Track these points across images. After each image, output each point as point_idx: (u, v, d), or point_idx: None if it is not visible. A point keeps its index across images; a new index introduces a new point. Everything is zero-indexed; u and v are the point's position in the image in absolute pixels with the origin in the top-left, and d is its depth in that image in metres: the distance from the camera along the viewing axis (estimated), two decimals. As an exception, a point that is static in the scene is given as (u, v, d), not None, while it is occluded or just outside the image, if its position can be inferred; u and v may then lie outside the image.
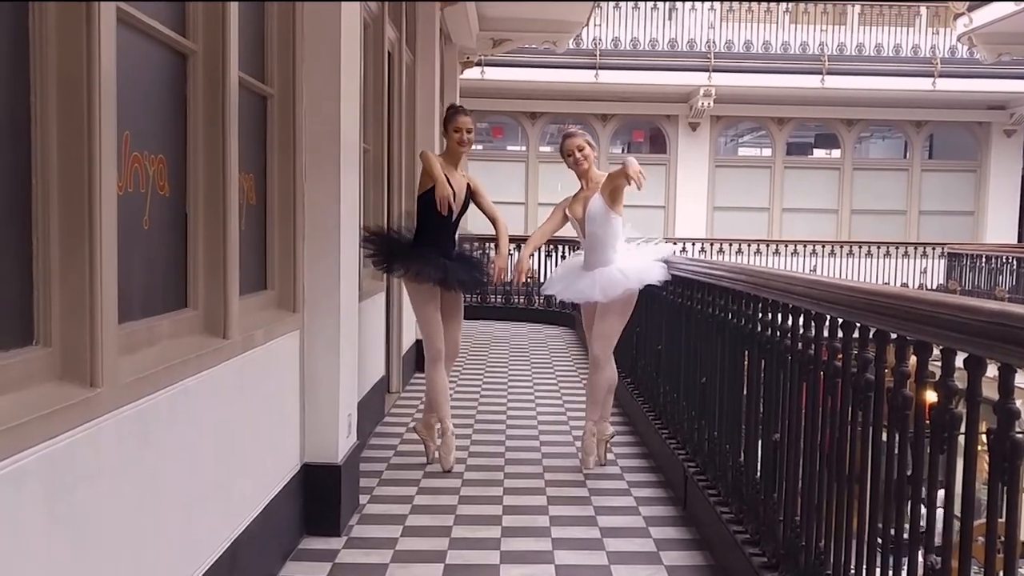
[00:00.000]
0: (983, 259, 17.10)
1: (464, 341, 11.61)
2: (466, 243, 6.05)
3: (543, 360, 10.36)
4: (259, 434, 3.82)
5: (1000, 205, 19.88)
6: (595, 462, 5.77)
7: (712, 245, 18.07)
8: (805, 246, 18.40)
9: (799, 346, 3.51)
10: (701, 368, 5.15)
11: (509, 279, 6.31)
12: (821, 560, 3.21)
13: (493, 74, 17.30)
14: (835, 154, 20.68)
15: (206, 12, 3.27)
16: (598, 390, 5.79)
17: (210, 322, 3.30)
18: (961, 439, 2.43)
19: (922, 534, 2.59)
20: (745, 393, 4.30)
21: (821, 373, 3.30)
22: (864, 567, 2.88)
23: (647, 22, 18.96)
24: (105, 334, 2.32)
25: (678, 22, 19.12)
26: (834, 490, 3.14)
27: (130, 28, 2.68)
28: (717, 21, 19.15)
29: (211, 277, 3.29)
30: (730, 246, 18.05)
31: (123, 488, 2.47)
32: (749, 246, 18.27)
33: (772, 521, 3.70)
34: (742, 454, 4.25)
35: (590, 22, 14.81)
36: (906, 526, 2.64)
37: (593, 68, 18.24)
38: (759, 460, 4.02)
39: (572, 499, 5.19)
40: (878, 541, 2.80)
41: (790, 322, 3.63)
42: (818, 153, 21.53)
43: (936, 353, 2.51)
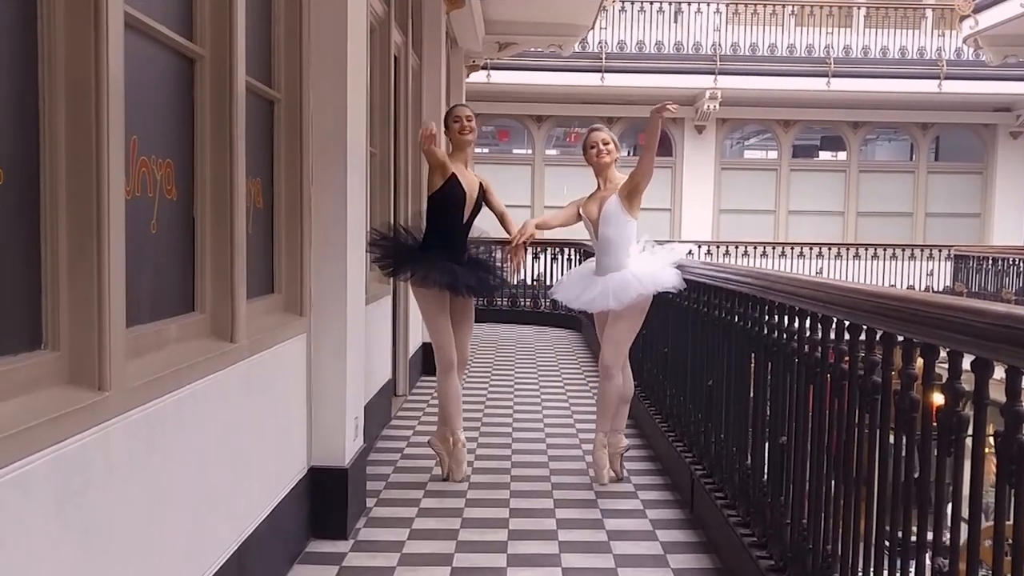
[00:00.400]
0: (990, 261, 17.06)
1: (471, 344, 11.63)
2: (478, 245, 5.80)
3: (549, 363, 10.36)
4: (266, 437, 3.83)
5: (1006, 207, 19.84)
6: (610, 477, 5.52)
7: (718, 248, 18.03)
8: (811, 248, 18.36)
9: (806, 349, 3.52)
10: (708, 371, 5.14)
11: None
12: (828, 563, 3.21)
13: (499, 77, 17.32)
14: (841, 156, 20.66)
15: (213, 17, 3.27)
16: (608, 400, 5.57)
17: (217, 326, 3.30)
18: (968, 442, 2.43)
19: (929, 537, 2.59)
20: (752, 396, 4.30)
21: (828, 376, 3.30)
22: (872, 570, 2.88)
23: (653, 25, 18.97)
24: (113, 338, 2.32)
25: (683, 25, 19.13)
26: (841, 493, 3.13)
27: (138, 33, 2.69)
28: (723, 24, 19.15)
29: (218, 281, 3.30)
30: (736, 249, 18.01)
31: (131, 491, 2.47)
32: (755, 249, 18.25)
33: (779, 524, 3.69)
34: (749, 457, 4.25)
35: (596, 25, 14.81)
36: (913, 528, 2.64)
37: (599, 71, 18.22)
38: (766, 463, 4.01)
39: (578, 502, 5.19)
40: (885, 544, 2.80)
41: (797, 325, 3.63)
42: (824, 155, 21.53)
43: (943, 355, 2.50)
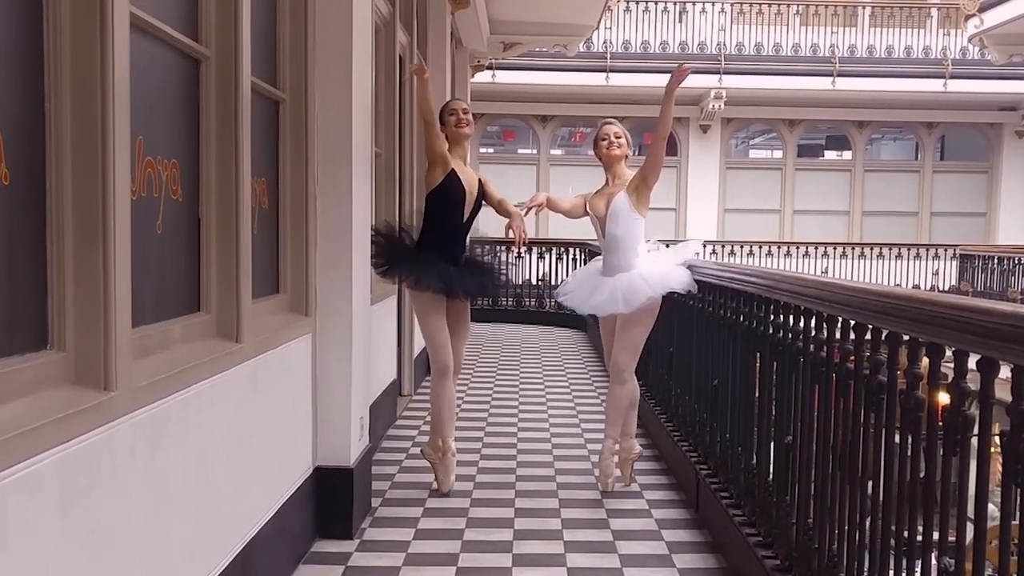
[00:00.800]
0: (995, 260, 17.01)
1: (475, 344, 11.63)
2: (478, 246, 5.60)
3: (554, 363, 10.36)
4: (271, 437, 3.83)
5: (1012, 206, 19.79)
6: (614, 484, 5.35)
7: (723, 247, 18.00)
8: (816, 248, 18.32)
9: (811, 348, 3.51)
10: (713, 371, 5.14)
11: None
12: (834, 563, 3.21)
13: (504, 77, 17.32)
14: (846, 156, 20.64)
15: (219, 17, 3.28)
16: (619, 406, 5.39)
17: (223, 326, 3.31)
18: (974, 441, 2.43)
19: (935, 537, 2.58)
20: (757, 396, 4.29)
21: (833, 375, 3.29)
22: (877, 570, 2.88)
23: (657, 25, 18.96)
24: (119, 338, 2.33)
25: (688, 24, 19.11)
26: (847, 493, 3.13)
27: (144, 34, 2.70)
28: (727, 23, 19.13)
29: (224, 281, 3.30)
30: (741, 248, 17.98)
31: (136, 491, 2.48)
32: (760, 248, 18.22)
33: (785, 524, 3.69)
34: (754, 457, 4.25)
35: (600, 25, 14.80)
36: (919, 528, 2.63)
37: (604, 71, 18.21)
38: (771, 463, 4.01)
39: (584, 502, 5.19)
40: (891, 543, 2.80)
41: (802, 324, 3.63)
42: (829, 155, 21.51)
43: (948, 355, 2.50)
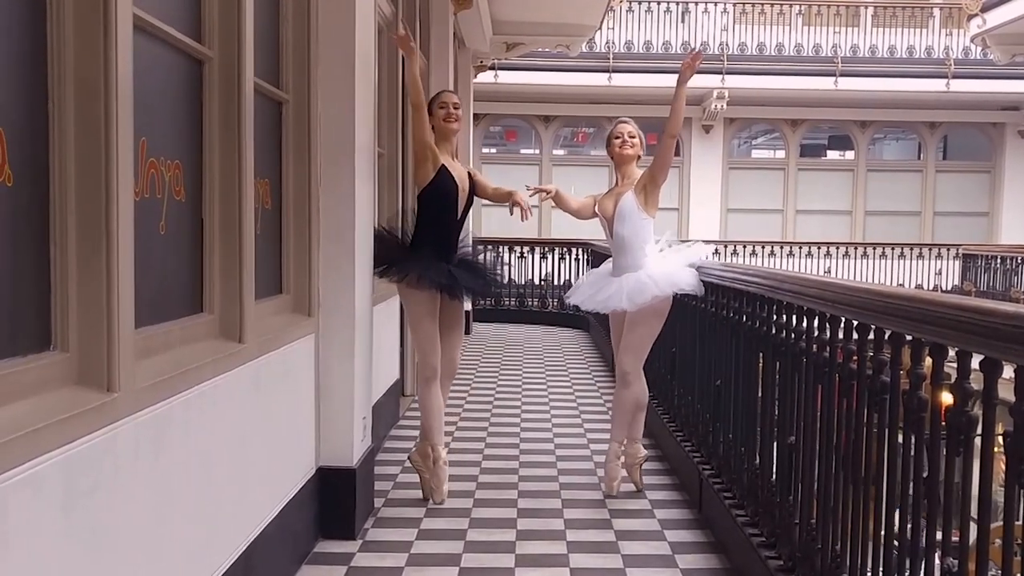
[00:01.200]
0: (998, 260, 17.00)
1: (478, 344, 11.64)
2: (476, 246, 5.52)
3: (557, 363, 10.36)
4: (274, 438, 3.84)
5: (1015, 206, 19.77)
6: (618, 488, 5.30)
7: (726, 247, 17.99)
8: (819, 248, 18.32)
9: (814, 348, 3.51)
10: (716, 371, 5.13)
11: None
12: (837, 563, 3.21)
13: (506, 78, 17.30)
14: (849, 155, 20.62)
15: (222, 18, 3.28)
16: (625, 408, 5.35)
17: (226, 326, 3.31)
18: (977, 441, 2.43)
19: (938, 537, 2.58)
20: (760, 396, 4.29)
21: (836, 375, 3.29)
22: (881, 569, 2.87)
23: (660, 25, 18.95)
24: (122, 339, 2.33)
25: (691, 25, 19.10)
26: (850, 493, 3.13)
27: (147, 35, 2.70)
28: (730, 23, 19.12)
29: (227, 282, 3.31)
30: (744, 248, 17.98)
31: (139, 492, 2.48)
32: (763, 248, 18.22)
33: (788, 524, 3.69)
34: (757, 457, 4.25)
35: (603, 25, 14.80)
36: (922, 528, 2.63)
37: (606, 71, 18.20)
38: (774, 463, 4.01)
39: (587, 502, 5.19)
40: (894, 543, 2.80)
41: (805, 324, 3.63)
42: (832, 155, 21.48)
43: (952, 355, 2.50)
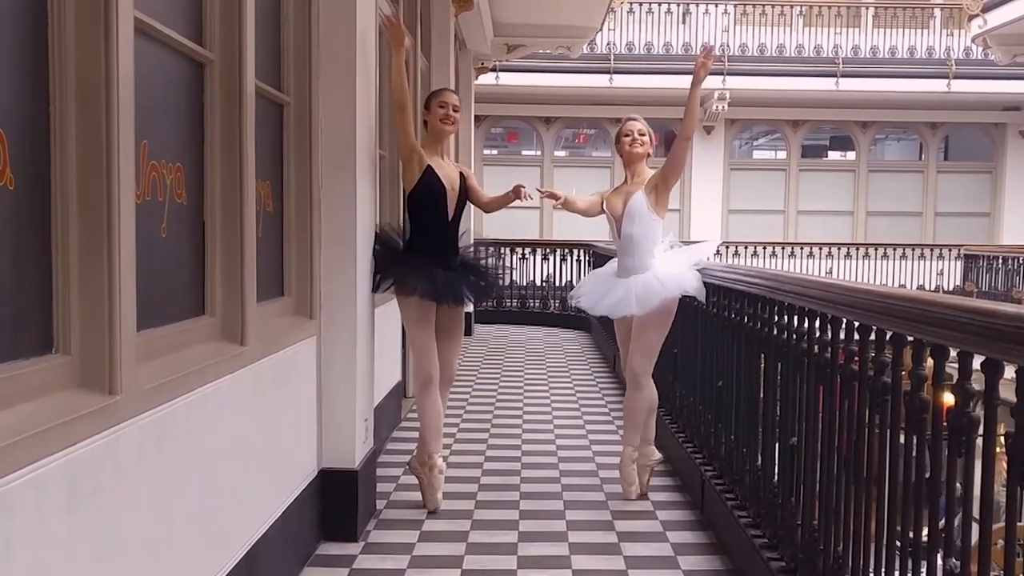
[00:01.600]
0: (1000, 260, 16.99)
1: (479, 345, 11.64)
2: (478, 248, 5.43)
3: (559, 364, 10.36)
4: (276, 440, 3.84)
5: (1016, 206, 19.75)
6: (637, 492, 5.26)
7: (727, 248, 17.98)
8: (821, 248, 18.32)
9: (815, 349, 3.51)
10: (717, 372, 5.13)
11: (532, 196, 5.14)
12: (839, 564, 3.21)
13: (508, 79, 17.32)
14: (850, 156, 20.61)
15: (223, 21, 3.29)
16: (638, 411, 5.28)
17: (227, 329, 3.31)
18: (979, 442, 2.43)
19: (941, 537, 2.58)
20: (762, 397, 4.29)
21: (838, 376, 3.29)
22: (883, 571, 2.87)
23: (661, 26, 18.95)
24: (124, 342, 2.33)
25: (692, 26, 19.11)
26: (852, 494, 3.13)
27: (148, 38, 2.70)
28: (731, 24, 19.12)
29: (228, 284, 3.31)
30: (745, 249, 17.98)
31: (142, 494, 2.48)
32: (764, 249, 18.22)
33: (790, 525, 3.69)
34: (759, 458, 4.24)
35: (604, 27, 14.81)
36: (924, 529, 2.63)
37: (607, 73, 18.21)
38: (776, 464, 4.01)
39: (589, 504, 5.19)
40: (896, 544, 2.80)
41: (806, 325, 3.63)
42: (833, 155, 21.47)
43: (953, 356, 2.50)
